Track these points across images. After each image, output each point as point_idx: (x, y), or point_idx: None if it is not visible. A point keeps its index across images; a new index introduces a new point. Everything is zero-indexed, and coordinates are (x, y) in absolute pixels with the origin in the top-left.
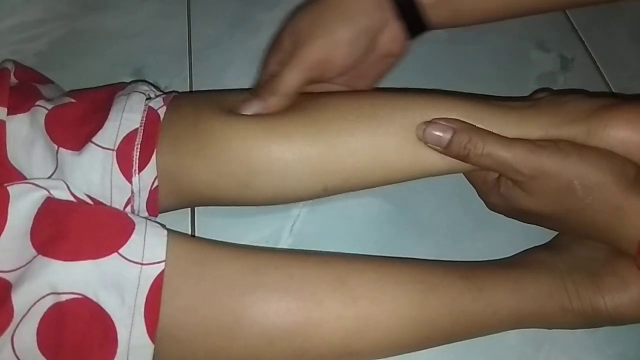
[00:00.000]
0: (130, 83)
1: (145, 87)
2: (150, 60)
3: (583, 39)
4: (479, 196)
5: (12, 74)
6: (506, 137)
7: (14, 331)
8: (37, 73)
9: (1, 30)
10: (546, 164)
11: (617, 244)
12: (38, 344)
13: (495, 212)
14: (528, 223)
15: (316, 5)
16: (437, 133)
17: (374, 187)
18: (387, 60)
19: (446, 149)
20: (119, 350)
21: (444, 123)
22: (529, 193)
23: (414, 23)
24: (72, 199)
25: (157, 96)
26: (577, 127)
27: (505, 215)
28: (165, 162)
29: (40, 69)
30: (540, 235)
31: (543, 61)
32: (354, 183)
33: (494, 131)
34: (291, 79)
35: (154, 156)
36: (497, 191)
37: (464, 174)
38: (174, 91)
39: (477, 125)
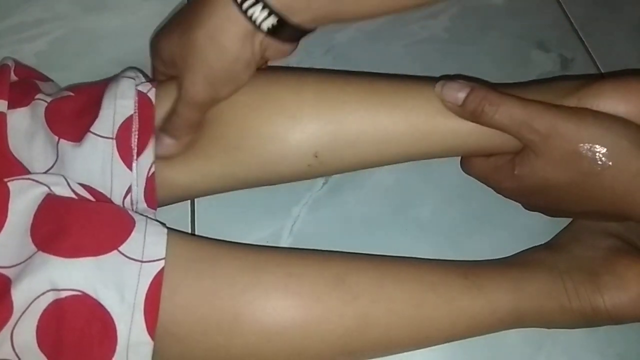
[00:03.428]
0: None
1: (132, 73)
2: (150, 60)
3: (583, 39)
4: (491, 186)
5: (12, 71)
6: (521, 97)
7: (14, 327)
8: (37, 72)
9: (1, 30)
10: (561, 124)
11: (635, 212)
12: (37, 340)
13: (511, 198)
14: (544, 208)
15: (186, 29)
16: (454, 89)
17: (368, 162)
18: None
19: (462, 107)
20: (118, 347)
21: (460, 82)
22: (545, 158)
23: (292, 36)
24: (72, 195)
25: (142, 82)
26: (568, 100)
27: (521, 201)
28: None
29: (40, 69)
30: (540, 234)
31: (543, 61)
32: (346, 153)
33: None
34: (190, 116)
35: (151, 141)
36: (511, 173)
37: (471, 173)
38: None
39: None
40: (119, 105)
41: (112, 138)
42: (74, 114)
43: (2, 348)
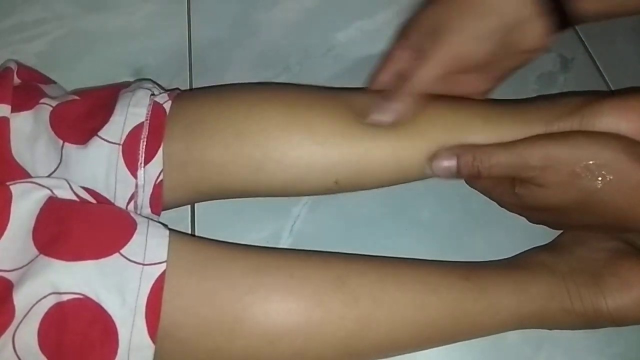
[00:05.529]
0: (134, 82)
1: (149, 85)
2: (150, 60)
3: (583, 39)
4: (495, 200)
5: (15, 74)
6: (507, 142)
7: (15, 331)
8: (40, 73)
9: (1, 30)
10: (554, 151)
11: (637, 224)
12: (39, 343)
13: (513, 212)
14: (546, 222)
15: (447, 2)
16: (444, 164)
17: (384, 185)
18: (525, 56)
19: (458, 174)
20: (119, 350)
21: (445, 153)
22: (546, 186)
23: (561, 18)
24: (74, 198)
25: (160, 93)
26: (572, 118)
27: (524, 215)
28: (175, 149)
29: (41, 69)
30: (542, 235)
31: (543, 61)
32: (366, 180)
33: (502, 129)
34: (425, 75)
35: (160, 149)
36: (512, 191)
37: (475, 186)
38: (176, 88)
39: (487, 126)
40: (131, 113)
41: (118, 144)
42: (80, 118)
43: (4, 351)
